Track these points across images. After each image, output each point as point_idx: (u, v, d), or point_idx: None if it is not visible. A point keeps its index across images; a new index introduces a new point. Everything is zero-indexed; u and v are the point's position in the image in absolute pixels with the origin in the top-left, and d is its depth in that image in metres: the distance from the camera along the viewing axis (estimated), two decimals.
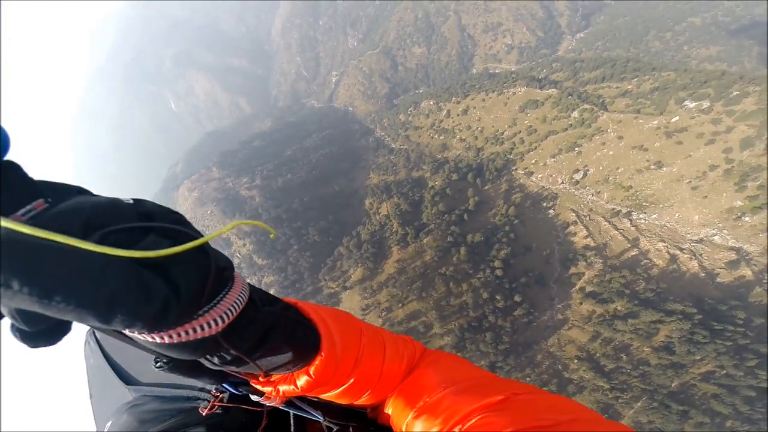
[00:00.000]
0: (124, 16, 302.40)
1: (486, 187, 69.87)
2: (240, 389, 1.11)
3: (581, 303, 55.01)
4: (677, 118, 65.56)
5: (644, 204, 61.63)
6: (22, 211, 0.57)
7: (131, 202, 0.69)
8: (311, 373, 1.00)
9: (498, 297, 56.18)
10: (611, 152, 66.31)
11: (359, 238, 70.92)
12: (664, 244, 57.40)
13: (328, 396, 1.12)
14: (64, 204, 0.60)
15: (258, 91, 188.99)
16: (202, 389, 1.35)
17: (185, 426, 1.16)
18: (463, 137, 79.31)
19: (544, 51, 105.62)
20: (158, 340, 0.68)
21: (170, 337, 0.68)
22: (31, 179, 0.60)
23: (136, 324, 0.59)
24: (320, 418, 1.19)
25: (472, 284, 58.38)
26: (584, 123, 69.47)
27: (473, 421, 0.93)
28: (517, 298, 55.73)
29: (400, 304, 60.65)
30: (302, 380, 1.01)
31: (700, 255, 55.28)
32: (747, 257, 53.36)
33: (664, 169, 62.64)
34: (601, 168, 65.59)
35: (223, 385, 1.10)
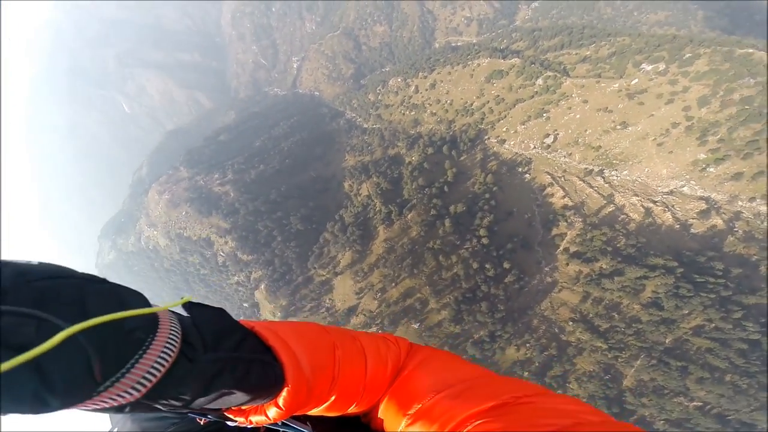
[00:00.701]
0: (54, 21, 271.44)
1: (462, 158, 68.93)
2: (208, 416, 1.03)
3: (567, 264, 55.23)
4: (636, 80, 66.52)
5: (614, 162, 62.72)
6: None
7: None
8: (280, 404, 0.94)
9: (487, 266, 55.51)
10: (578, 116, 66.74)
11: (343, 222, 68.42)
12: (637, 198, 58.30)
13: (313, 412, 1.08)
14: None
15: (216, 85, 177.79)
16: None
17: None
18: (434, 111, 77.50)
19: (502, 22, 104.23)
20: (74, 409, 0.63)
21: (82, 408, 0.63)
22: None
23: (26, 414, 0.55)
24: None
25: (461, 255, 57.43)
26: (549, 89, 69.34)
27: (470, 427, 0.88)
28: (506, 265, 55.23)
29: (393, 284, 59.12)
30: (272, 411, 0.96)
31: (673, 206, 56.39)
32: (716, 206, 54.80)
33: (630, 128, 63.74)
34: (569, 131, 66.01)
35: (188, 415, 1.02)
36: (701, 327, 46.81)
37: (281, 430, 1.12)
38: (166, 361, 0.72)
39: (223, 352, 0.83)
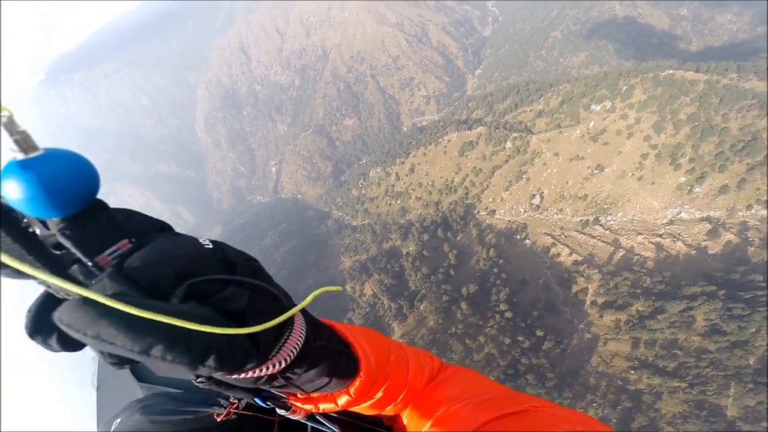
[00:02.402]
0: (31, 129, 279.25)
1: (458, 238, 66.57)
2: (268, 403, 1.08)
3: (601, 316, 51.73)
4: (593, 122, 68.16)
5: (605, 207, 61.37)
6: (108, 251, 0.58)
7: (210, 245, 0.71)
8: (351, 393, 1.03)
9: (520, 338, 51.45)
10: (555, 170, 66.60)
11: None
12: (642, 236, 56.48)
13: (357, 408, 1.14)
14: (151, 250, 0.60)
15: (197, 197, 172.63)
16: (218, 394, 1.29)
17: (199, 431, 1.16)
18: (419, 195, 76.80)
19: (456, 94, 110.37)
20: (226, 378, 0.73)
21: (251, 374, 0.73)
22: (115, 217, 0.60)
23: (217, 373, 0.62)
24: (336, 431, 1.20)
25: (487, 334, 53.35)
26: (520, 150, 69.96)
27: (488, 427, 0.97)
28: (539, 333, 51.33)
29: None
30: (343, 399, 1.04)
31: (679, 234, 54.91)
32: (719, 223, 53.74)
33: (606, 170, 63.63)
34: (552, 187, 65.30)
35: (255, 399, 1.07)
36: None
37: (310, 425, 1.16)
38: (301, 342, 0.81)
39: (324, 340, 0.95)
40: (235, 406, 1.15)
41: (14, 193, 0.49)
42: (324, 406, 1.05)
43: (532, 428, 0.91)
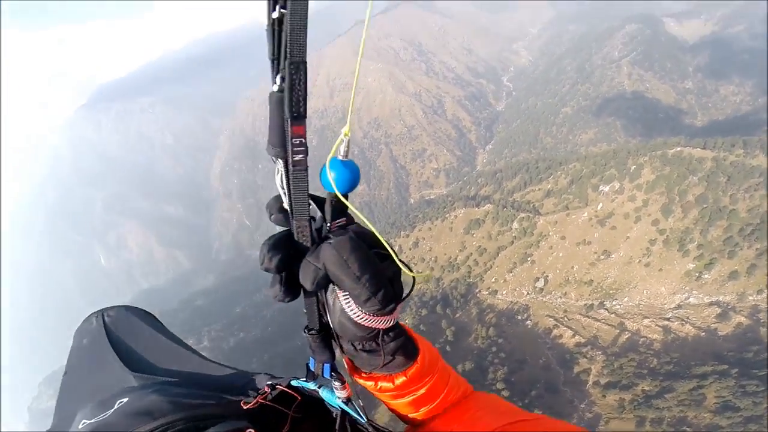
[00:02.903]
0: (54, 147, 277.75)
1: (457, 315, 65.87)
2: (332, 374, 1.23)
3: (604, 396, 49.85)
4: (601, 205, 68.65)
5: (611, 292, 60.11)
6: (337, 221, 0.96)
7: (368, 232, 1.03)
8: (408, 375, 1.17)
9: None
10: (561, 254, 66.40)
11: None
12: (648, 320, 55.61)
13: (401, 401, 1.26)
14: (359, 228, 0.98)
15: (197, 244, 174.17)
16: (236, 388, 1.37)
17: (232, 416, 1.15)
18: (420, 270, 77.26)
19: (465, 169, 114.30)
20: (368, 321, 0.96)
21: (375, 321, 0.96)
22: (344, 202, 0.97)
23: (376, 307, 0.90)
24: (364, 419, 1.28)
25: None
26: (526, 232, 70.60)
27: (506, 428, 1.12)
28: (537, 412, 47.16)
29: None
30: (399, 380, 1.18)
31: (688, 318, 53.90)
32: (729, 307, 52.62)
33: (613, 256, 62.94)
34: (558, 271, 64.81)
35: (325, 365, 1.22)
36: None
37: (339, 409, 1.27)
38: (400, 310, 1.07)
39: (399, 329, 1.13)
40: (264, 396, 1.23)
41: (333, 175, 0.90)
42: (382, 384, 1.20)
43: (544, 428, 1.09)
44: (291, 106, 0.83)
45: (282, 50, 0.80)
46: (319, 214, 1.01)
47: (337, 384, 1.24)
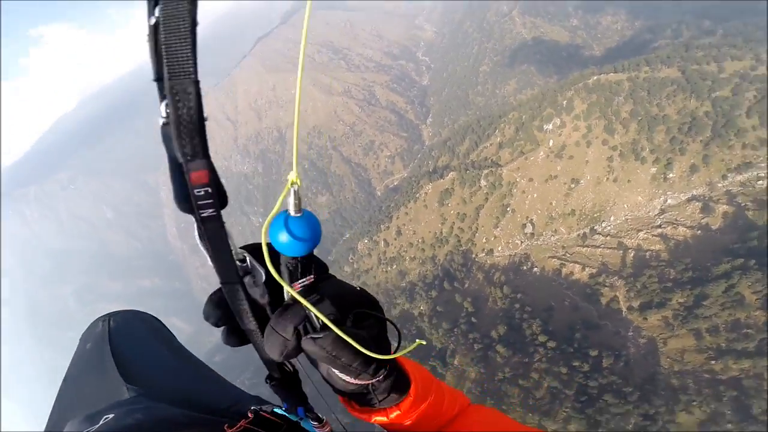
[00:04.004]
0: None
1: (467, 285, 62.87)
2: (307, 414, 1.22)
3: (645, 318, 48.08)
4: (552, 141, 68.87)
5: (595, 215, 60.14)
6: (301, 282, 0.84)
7: (359, 289, 0.99)
8: (402, 408, 1.17)
9: (576, 363, 46.69)
10: (535, 194, 65.73)
11: None
12: (642, 232, 55.12)
13: (400, 426, 1.28)
14: (331, 288, 0.90)
15: (187, 306, 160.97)
16: (223, 410, 1.36)
17: None
18: (413, 255, 73.54)
19: (417, 147, 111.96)
20: (356, 381, 0.95)
21: (367, 381, 0.96)
22: (311, 261, 0.85)
23: (368, 377, 0.91)
24: None
25: (539, 369, 48.44)
26: (495, 185, 69.19)
27: None
28: (592, 353, 46.85)
29: None
30: (393, 414, 1.19)
31: (677, 220, 53.93)
32: (706, 198, 53.40)
33: (582, 181, 63.22)
34: (539, 212, 64.00)
35: (299, 408, 1.21)
36: None
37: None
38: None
39: (391, 362, 1.13)
40: (249, 420, 1.18)
41: (283, 238, 0.73)
42: (377, 418, 1.20)
43: None
44: (181, 143, 0.59)
45: (163, 65, 0.56)
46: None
47: (315, 423, 1.22)
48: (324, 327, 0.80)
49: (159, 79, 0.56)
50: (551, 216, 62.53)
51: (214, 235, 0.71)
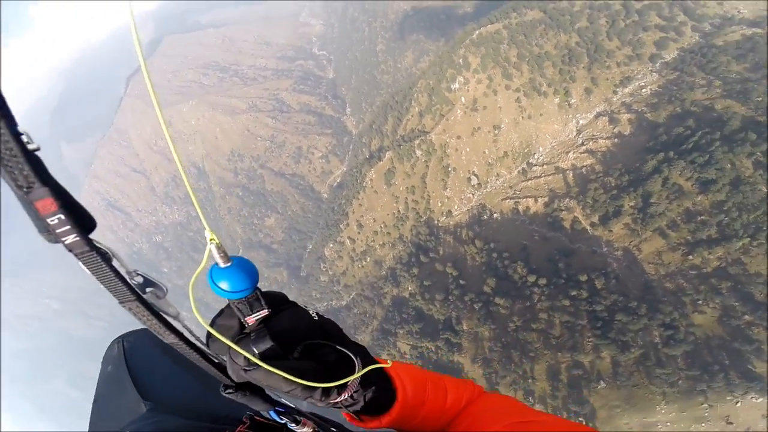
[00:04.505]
0: None
1: (441, 252, 65.33)
2: (281, 417, 1.26)
3: (610, 231, 50.84)
4: (463, 98, 73.20)
5: (526, 151, 65.63)
6: (253, 316, 0.93)
7: (317, 318, 1.07)
8: (393, 414, 1.26)
9: (573, 293, 48.09)
10: (467, 148, 69.66)
11: None
12: (571, 153, 60.62)
13: (404, 427, 1.36)
14: (283, 318, 0.98)
15: None
16: (224, 418, 1.42)
17: None
18: (382, 242, 74.00)
19: (346, 139, 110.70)
20: (322, 404, 1.05)
21: (328, 402, 1.06)
22: (261, 295, 0.95)
23: (319, 401, 1.01)
24: None
25: (544, 308, 49.76)
26: (430, 151, 71.97)
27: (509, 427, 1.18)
28: (581, 278, 48.42)
29: (530, 380, 48.57)
30: (384, 420, 1.26)
31: (594, 135, 60.00)
32: (609, 112, 60.17)
33: (502, 126, 68.20)
34: (477, 163, 68.17)
35: (270, 412, 1.24)
36: None
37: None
38: (358, 381, 1.13)
39: (372, 378, 1.20)
40: (246, 425, 1.24)
41: (222, 286, 0.85)
42: (371, 424, 1.27)
43: (549, 428, 1.13)
44: (13, 178, 0.57)
45: None
46: None
47: (293, 425, 1.26)
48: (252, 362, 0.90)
49: None
50: (489, 163, 67.07)
51: (88, 260, 0.70)
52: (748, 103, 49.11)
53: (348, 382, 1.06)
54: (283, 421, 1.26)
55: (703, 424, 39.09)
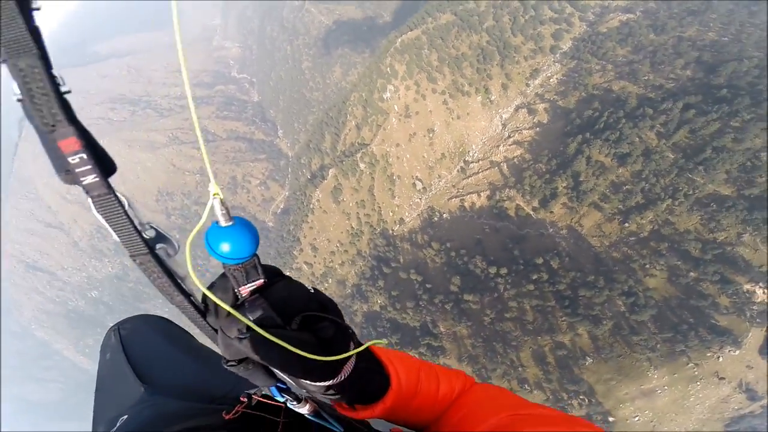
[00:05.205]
0: None
1: (402, 260, 65.38)
2: (282, 394, 1.20)
3: (551, 212, 53.12)
4: (396, 106, 75.12)
5: (461, 150, 68.76)
6: (248, 286, 0.87)
7: (312, 291, 1.00)
8: (388, 402, 1.22)
9: (534, 277, 49.44)
10: (407, 155, 71.18)
11: None
12: (501, 146, 64.02)
13: (397, 417, 1.33)
14: (280, 288, 0.91)
15: None
16: (222, 398, 1.42)
17: (208, 428, 1.20)
18: (340, 261, 72.28)
19: (282, 162, 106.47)
20: (317, 385, 1.01)
21: (323, 383, 1.00)
22: (258, 264, 0.87)
23: (314, 382, 0.98)
24: (340, 430, 1.30)
25: (511, 296, 50.94)
26: (373, 163, 72.34)
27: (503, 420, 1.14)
28: (538, 261, 50.55)
29: (520, 368, 49.12)
30: (378, 409, 1.22)
31: (518, 128, 63.98)
32: (525, 104, 64.65)
33: (435, 129, 70.69)
34: (419, 168, 69.94)
35: (271, 388, 1.17)
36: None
37: (316, 422, 1.30)
38: (353, 365, 1.07)
39: (364, 362, 1.16)
40: (244, 405, 1.22)
41: (224, 248, 0.79)
42: (364, 413, 1.23)
43: (541, 422, 1.08)
44: (40, 116, 0.59)
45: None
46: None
47: (294, 403, 1.21)
48: (249, 329, 0.83)
49: (3, 61, 0.56)
50: (429, 166, 69.10)
51: (104, 204, 0.70)
52: (638, 82, 56.22)
53: (350, 356, 1.02)
54: (283, 399, 1.20)
55: (698, 384, 40.36)
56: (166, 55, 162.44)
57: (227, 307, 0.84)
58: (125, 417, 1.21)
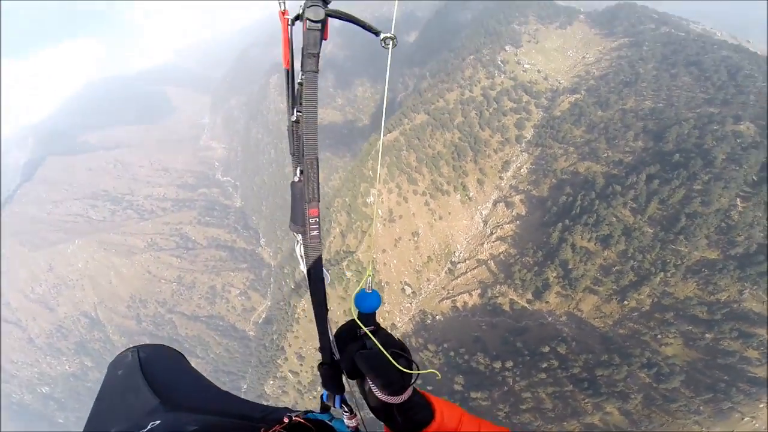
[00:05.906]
0: None
1: None
2: (342, 405, 1.60)
3: (547, 302, 53.09)
4: (380, 211, 77.43)
5: (446, 251, 69.49)
6: (368, 328, 1.42)
7: (398, 339, 1.49)
8: (431, 429, 1.45)
9: (543, 365, 48.11)
10: (394, 260, 71.53)
11: None
12: (485, 244, 65.45)
13: None
14: (384, 333, 1.44)
15: None
16: (260, 419, 1.55)
17: None
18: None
19: (265, 272, 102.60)
20: (384, 398, 1.35)
21: (388, 399, 1.35)
22: (371, 316, 1.43)
23: (387, 393, 1.34)
24: None
25: (523, 387, 48.64)
26: (360, 270, 71.22)
27: None
28: (544, 349, 48.95)
29: None
30: None
31: (499, 223, 66.16)
32: (503, 197, 67.53)
33: (420, 232, 72.59)
34: (406, 273, 70.02)
35: (336, 396, 1.59)
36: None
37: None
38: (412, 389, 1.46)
39: (415, 398, 1.47)
40: (283, 425, 1.40)
41: (369, 306, 1.42)
42: None
43: None
44: (308, 193, 1.14)
45: (300, 148, 1.09)
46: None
47: (346, 414, 1.56)
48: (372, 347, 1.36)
49: (294, 154, 1.13)
50: (417, 270, 69.30)
51: (314, 246, 1.28)
52: (599, 160, 58.92)
53: (418, 375, 1.41)
54: (339, 408, 1.59)
55: None
56: (154, 152, 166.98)
57: (372, 337, 1.43)
58: (157, 422, 1.26)
